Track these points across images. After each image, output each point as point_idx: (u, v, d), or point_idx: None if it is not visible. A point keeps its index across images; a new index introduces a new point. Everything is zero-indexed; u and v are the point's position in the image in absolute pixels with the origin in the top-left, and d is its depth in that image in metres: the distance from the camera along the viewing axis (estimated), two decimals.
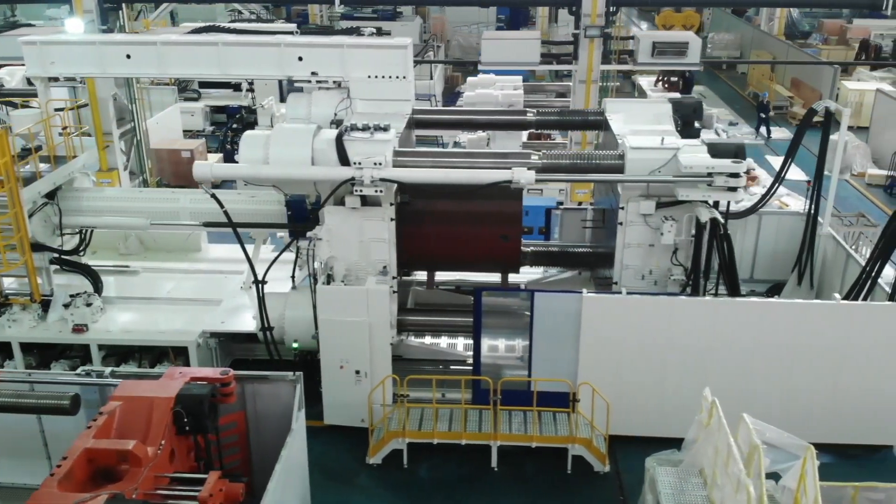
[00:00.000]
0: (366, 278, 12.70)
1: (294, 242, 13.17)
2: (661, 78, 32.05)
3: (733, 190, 11.98)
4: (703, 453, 9.71)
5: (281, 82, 26.02)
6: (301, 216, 12.81)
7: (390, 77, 13.69)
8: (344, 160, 12.19)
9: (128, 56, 14.27)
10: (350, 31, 23.22)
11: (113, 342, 13.76)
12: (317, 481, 11.16)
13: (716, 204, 12.37)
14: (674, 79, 30.84)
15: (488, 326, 12.86)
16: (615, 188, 12.87)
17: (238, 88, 30.31)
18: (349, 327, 12.33)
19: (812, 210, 14.57)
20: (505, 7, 44.63)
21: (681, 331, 12.04)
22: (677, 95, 23.90)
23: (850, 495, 9.73)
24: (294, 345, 13.28)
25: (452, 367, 13.98)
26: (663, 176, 12.22)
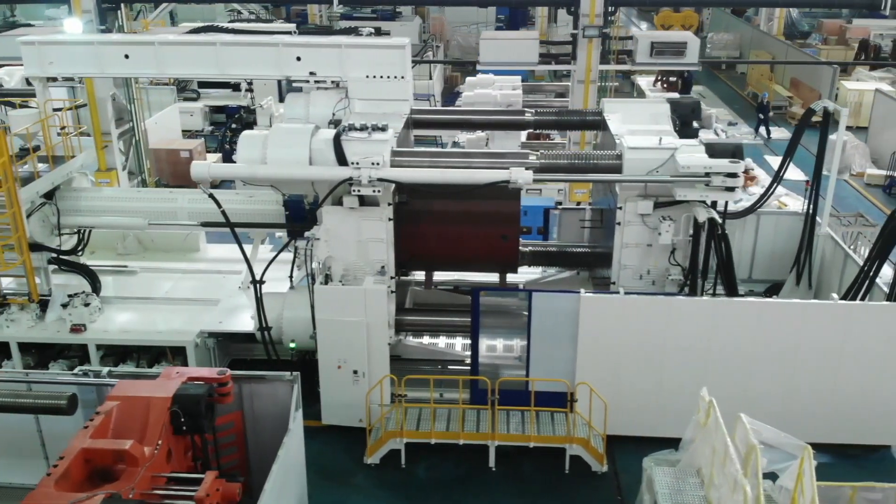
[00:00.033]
0: (364, 278, 12.70)
1: (292, 242, 13.17)
2: (660, 78, 32.04)
3: (731, 190, 11.98)
4: (701, 453, 9.71)
5: (280, 82, 26.02)
6: (299, 216, 12.79)
7: (388, 77, 13.70)
8: (342, 160, 12.18)
9: (126, 56, 14.28)
10: (348, 31, 23.19)
11: (111, 342, 13.77)
12: (314, 481, 11.17)
13: (713, 204, 12.39)
14: (672, 79, 30.83)
15: (486, 326, 12.87)
16: (613, 188, 12.86)
17: (237, 88, 30.33)
18: (347, 327, 12.33)
19: (811, 210, 14.58)
20: (504, 7, 44.60)
21: (678, 331, 12.03)
22: (676, 95, 23.94)
23: (848, 495, 9.73)
24: (291, 345, 13.29)
25: (450, 367, 13.97)
26: (661, 176, 12.22)
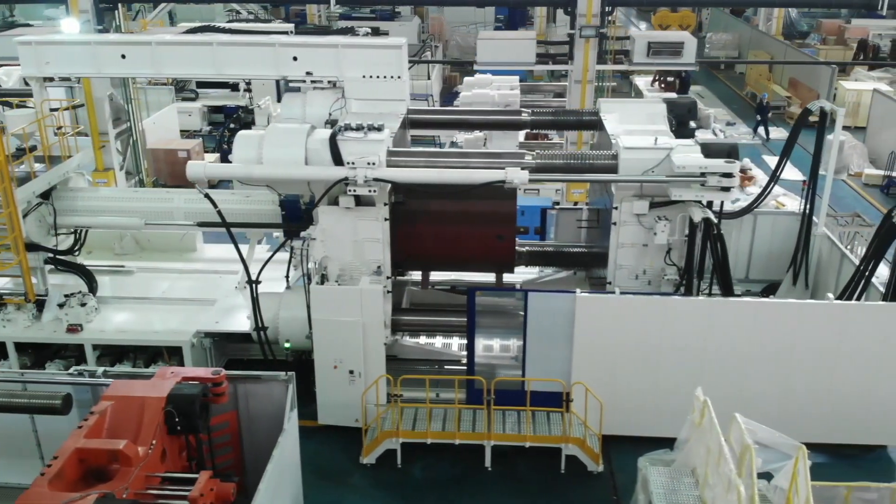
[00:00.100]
0: (360, 278, 12.70)
1: (288, 242, 13.17)
2: (658, 78, 32.05)
3: (726, 190, 11.99)
4: (696, 453, 9.71)
5: (278, 82, 25.99)
6: (295, 216, 12.78)
7: (385, 77, 13.68)
8: (338, 160, 12.19)
9: (122, 56, 14.24)
10: (345, 31, 23.22)
11: (107, 342, 13.78)
12: (311, 481, 11.16)
13: (709, 204, 12.40)
14: (670, 79, 30.83)
15: (482, 326, 12.88)
16: (609, 188, 12.87)
17: (235, 88, 30.32)
18: (343, 327, 12.33)
19: (807, 210, 14.58)
20: (503, 7, 44.62)
21: (674, 331, 12.03)
22: (673, 95, 23.92)
23: (843, 495, 9.74)
24: (286, 344, 13.30)
25: (447, 367, 13.97)
26: (656, 176, 12.23)
